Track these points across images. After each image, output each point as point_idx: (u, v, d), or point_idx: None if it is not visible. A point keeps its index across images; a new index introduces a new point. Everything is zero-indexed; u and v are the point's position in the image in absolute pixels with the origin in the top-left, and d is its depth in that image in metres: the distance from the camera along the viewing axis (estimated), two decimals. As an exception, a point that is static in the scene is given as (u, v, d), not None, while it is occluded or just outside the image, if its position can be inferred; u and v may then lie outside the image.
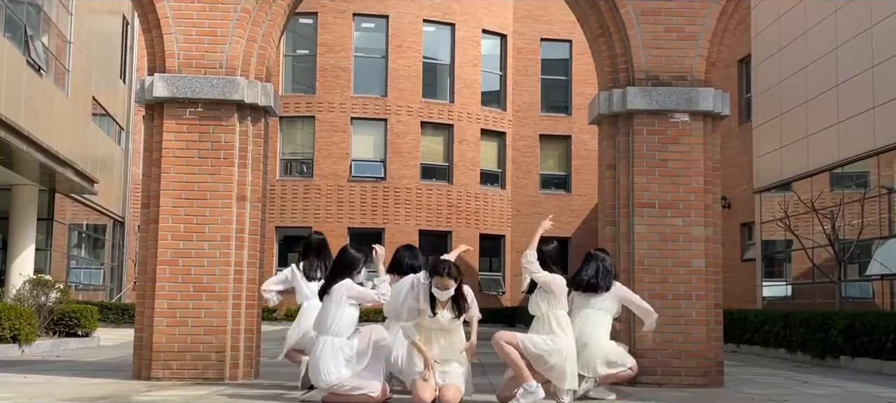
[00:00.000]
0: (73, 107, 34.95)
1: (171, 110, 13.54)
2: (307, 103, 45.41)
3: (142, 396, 11.02)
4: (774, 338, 22.44)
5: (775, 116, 34.23)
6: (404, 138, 45.40)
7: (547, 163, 50.00)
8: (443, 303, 10.63)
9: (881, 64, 27.16)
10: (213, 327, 13.23)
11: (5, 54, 27.37)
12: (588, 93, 45.06)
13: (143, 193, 13.90)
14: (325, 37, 45.65)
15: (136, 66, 45.45)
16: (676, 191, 13.66)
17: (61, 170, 29.75)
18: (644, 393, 12.06)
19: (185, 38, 13.66)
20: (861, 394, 12.80)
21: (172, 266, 13.28)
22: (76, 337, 23.29)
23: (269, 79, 14.23)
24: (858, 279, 29.11)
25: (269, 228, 39.49)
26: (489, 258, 47.41)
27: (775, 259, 35.61)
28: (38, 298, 22.65)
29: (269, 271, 42.10)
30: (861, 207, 27.45)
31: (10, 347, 18.98)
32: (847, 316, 19.71)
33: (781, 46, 33.95)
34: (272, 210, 41.30)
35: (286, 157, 45.70)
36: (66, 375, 13.86)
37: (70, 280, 36.80)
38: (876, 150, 27.50)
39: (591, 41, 14.73)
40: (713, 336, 13.58)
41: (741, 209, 38.20)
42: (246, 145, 13.75)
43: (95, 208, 39.87)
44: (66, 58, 34.64)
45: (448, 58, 47.13)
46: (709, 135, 13.93)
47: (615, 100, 13.92)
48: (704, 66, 13.90)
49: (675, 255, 13.54)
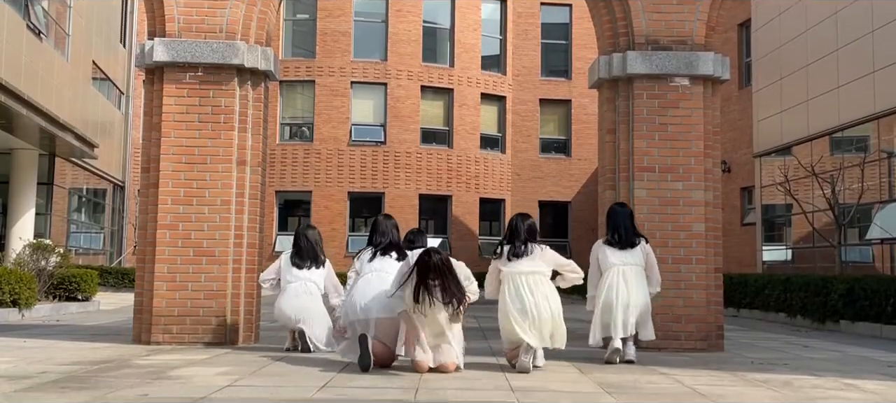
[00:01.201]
0: (73, 71, 34.91)
1: (171, 74, 13.51)
2: (307, 67, 45.33)
3: (142, 360, 11.03)
4: (774, 303, 22.47)
5: (775, 81, 34.20)
6: (404, 102, 45.34)
7: (547, 127, 49.96)
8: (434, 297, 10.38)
9: (881, 28, 27.11)
10: (212, 291, 13.23)
11: (5, 18, 27.32)
12: (588, 58, 45.03)
13: (143, 157, 13.88)
14: (325, 1, 45.53)
15: (136, 31, 45.39)
16: (676, 155, 13.64)
17: (61, 135, 29.73)
18: (644, 357, 12.05)
19: (184, 2, 13.62)
20: (861, 358, 12.81)
21: (172, 230, 13.28)
22: (76, 302, 23.32)
23: (269, 44, 14.19)
24: (858, 243, 29.15)
25: (269, 192, 39.52)
26: (489, 222, 47.41)
27: (775, 223, 35.64)
28: (38, 262, 22.68)
29: (269, 235, 42.26)
30: (861, 171, 27.45)
31: (10, 311, 19.00)
32: (847, 281, 19.74)
33: (781, 11, 33.88)
34: (272, 174, 41.32)
35: (286, 122, 45.65)
36: (66, 339, 13.87)
37: (70, 244, 36.84)
38: (876, 114, 27.49)
39: (592, 5, 14.68)
40: (713, 301, 13.59)
41: (741, 173, 38.22)
42: (246, 109, 13.72)
43: (95, 172, 39.89)
44: (66, 22, 34.58)
45: (448, 22, 47.02)
46: (709, 99, 13.90)
47: (615, 65, 13.89)
48: (704, 30, 13.86)
49: (675, 219, 13.53)
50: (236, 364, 10.69)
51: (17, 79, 26.96)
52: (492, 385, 9.33)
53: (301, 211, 44.82)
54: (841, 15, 29.57)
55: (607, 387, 9.31)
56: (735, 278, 25.33)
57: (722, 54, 14.03)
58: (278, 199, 44.40)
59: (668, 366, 11.18)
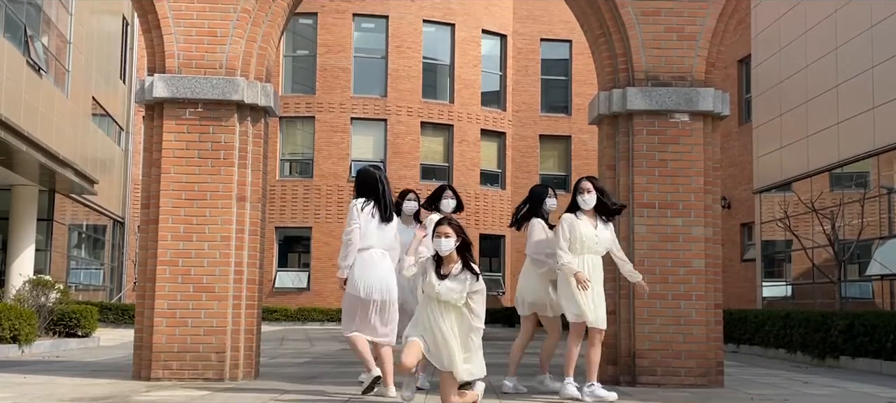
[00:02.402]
0: (72, 107, 34.97)
1: (171, 110, 13.54)
2: (307, 103, 45.45)
3: (142, 396, 11.03)
4: (774, 338, 22.44)
5: (775, 116, 34.25)
6: (404, 138, 45.43)
7: (547, 163, 50.04)
8: (447, 265, 10.28)
9: (881, 64, 27.18)
10: (212, 327, 13.23)
11: (5, 55, 27.39)
12: (588, 94, 45.11)
13: (143, 193, 13.90)
14: (325, 37, 45.68)
15: (136, 67, 45.49)
16: (676, 191, 13.66)
17: (61, 171, 29.77)
18: (644, 393, 12.06)
19: (185, 39, 13.67)
20: (861, 394, 12.81)
21: (172, 266, 13.29)
22: (76, 338, 23.31)
23: (269, 80, 14.23)
24: (858, 279, 29.13)
25: (269, 228, 39.49)
26: (489, 258, 47.42)
27: (775, 259, 35.63)
28: (37, 298, 22.67)
29: (269, 271, 42.23)
30: (861, 207, 27.45)
31: (10, 347, 18.99)
32: (847, 316, 19.72)
33: (781, 47, 33.96)
34: (272, 210, 41.33)
35: (286, 157, 45.75)
36: (66, 375, 13.87)
37: (70, 280, 36.83)
38: (876, 150, 27.52)
39: (591, 41, 14.74)
40: (713, 337, 13.58)
41: (741, 209, 38.23)
42: (246, 145, 13.75)
43: (95, 208, 39.91)
44: (65, 58, 34.66)
45: (448, 58, 47.17)
46: (709, 135, 13.93)
47: (615, 101, 13.93)
48: (704, 66, 13.90)
49: (675, 255, 13.54)
50: (235, 399, 10.68)
51: (17, 115, 27.00)
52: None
53: (301, 247, 44.88)
54: (840, 51, 29.64)
55: (607, 423, 9.31)
56: (735, 314, 25.30)
57: (722, 90, 14.06)
58: (278, 235, 44.46)
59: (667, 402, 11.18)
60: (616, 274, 12.85)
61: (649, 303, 13.39)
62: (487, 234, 46.38)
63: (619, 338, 13.50)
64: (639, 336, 13.36)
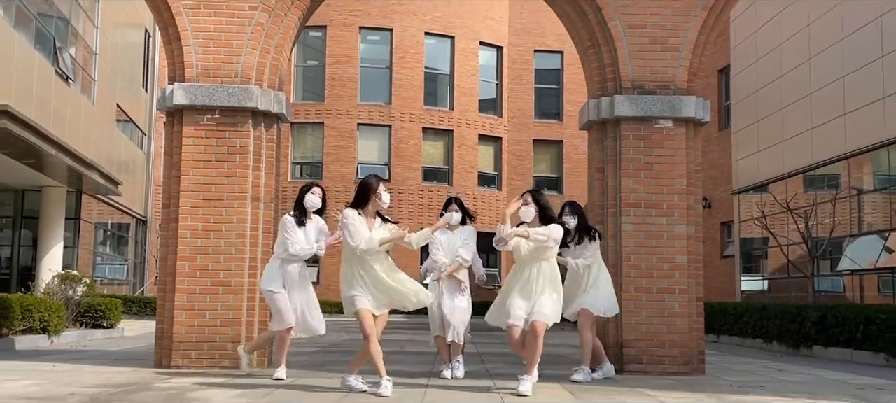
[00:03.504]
0: (98, 113, 34.97)
1: (190, 117, 13.55)
2: (317, 110, 45.44)
3: (162, 383, 11.03)
4: (752, 329, 22.45)
5: (753, 122, 34.26)
6: (407, 143, 45.42)
7: (540, 166, 50.06)
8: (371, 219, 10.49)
9: (851, 74, 27.20)
10: (228, 318, 13.23)
11: (35, 65, 27.41)
12: (578, 101, 45.15)
13: (164, 194, 13.90)
14: (334, 48, 45.68)
15: (157, 76, 45.47)
16: (660, 192, 13.66)
17: (87, 173, 29.75)
18: (631, 380, 12.07)
19: (203, 50, 13.67)
20: (833, 381, 12.81)
21: (191, 261, 13.29)
22: (102, 329, 23.29)
23: (281, 88, 14.23)
24: (830, 274, 29.14)
25: (282, 227, 39.37)
26: (486, 254, 47.39)
27: (753, 255, 35.64)
28: (66, 292, 22.65)
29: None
30: (833, 207, 27.45)
31: (40, 337, 18.98)
32: (819, 309, 19.73)
33: (758, 57, 33.98)
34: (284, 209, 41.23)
35: (297, 161, 45.72)
36: (92, 364, 13.87)
37: (96, 275, 36.82)
38: (846, 154, 27.54)
39: (582, 53, 14.74)
40: (695, 328, 13.58)
41: (721, 209, 38.24)
42: (260, 149, 13.76)
43: (119, 208, 39.89)
44: (92, 68, 34.66)
45: (448, 68, 47.17)
46: (691, 139, 13.93)
47: (604, 108, 13.93)
48: (686, 75, 13.90)
49: (659, 252, 13.54)
50: (250, 387, 10.68)
51: (47, 122, 27.00)
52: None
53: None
54: (813, 61, 29.66)
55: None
56: (715, 306, 25.31)
57: (703, 98, 14.06)
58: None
59: (653, 388, 11.18)
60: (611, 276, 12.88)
61: (636, 297, 13.42)
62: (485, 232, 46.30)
63: (608, 329, 13.51)
64: (626, 328, 13.38)
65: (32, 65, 27.22)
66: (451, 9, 47.26)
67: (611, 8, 13.93)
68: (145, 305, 35.62)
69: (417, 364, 13.98)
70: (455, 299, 12.22)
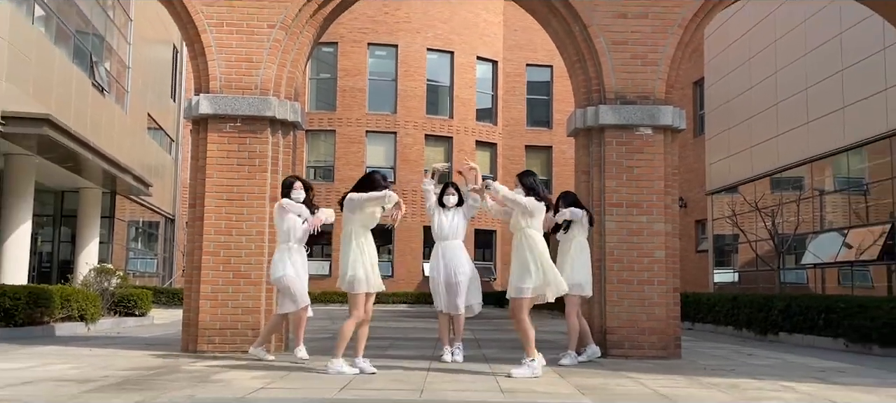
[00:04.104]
0: (131, 122, 35.01)
1: (214, 125, 13.55)
2: (329, 119, 45.46)
3: (189, 366, 11.03)
4: (724, 317, 22.45)
5: (724, 130, 34.29)
6: (411, 148, 45.43)
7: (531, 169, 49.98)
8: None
9: (813, 86, 27.24)
10: (249, 308, 13.24)
11: (74, 78, 27.44)
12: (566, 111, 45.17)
13: (191, 195, 13.90)
14: (344, 63, 45.71)
15: (184, 87, 45.55)
16: (641, 193, 13.66)
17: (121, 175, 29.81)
18: (614, 364, 12.08)
19: (226, 64, 13.67)
20: (797, 364, 12.81)
21: (215, 256, 13.30)
22: (134, 317, 23.30)
23: (297, 99, 14.24)
24: (795, 267, 29.17)
25: (297, 224, 39.39)
26: (483, 249, 47.42)
27: (724, 250, 35.66)
28: (101, 284, 22.66)
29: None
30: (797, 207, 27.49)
31: (78, 325, 18.99)
32: (785, 299, 19.73)
33: (730, 71, 34.01)
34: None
35: (311, 164, 45.71)
36: (125, 349, 13.87)
37: (128, 268, 36.87)
38: (810, 158, 27.58)
39: (569, 66, 14.73)
40: (672, 316, 13.58)
41: (696, 208, 38.27)
42: (277, 154, 13.76)
43: (150, 207, 39.96)
44: (125, 80, 34.70)
45: (448, 80, 47.20)
46: (668, 145, 13.93)
47: (589, 116, 13.93)
48: (664, 87, 13.90)
49: (639, 248, 13.54)
50: (269, 370, 10.68)
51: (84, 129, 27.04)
52: (484, 387, 9.33)
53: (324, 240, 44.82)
54: (779, 75, 29.69)
55: (582, 389, 9.31)
56: (690, 297, 25.32)
57: (679, 108, 14.06)
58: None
59: (634, 371, 11.18)
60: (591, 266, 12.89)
61: (618, 288, 13.43)
62: (481, 229, 46.33)
63: (593, 317, 13.52)
64: (609, 316, 13.39)
65: (71, 77, 27.25)
66: (450, 27, 47.28)
67: (596, 26, 13.94)
68: (173, 295, 35.64)
69: (420, 350, 13.98)
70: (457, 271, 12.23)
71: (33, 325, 17.31)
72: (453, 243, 12.45)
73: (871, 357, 14.94)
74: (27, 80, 23.99)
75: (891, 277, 23.88)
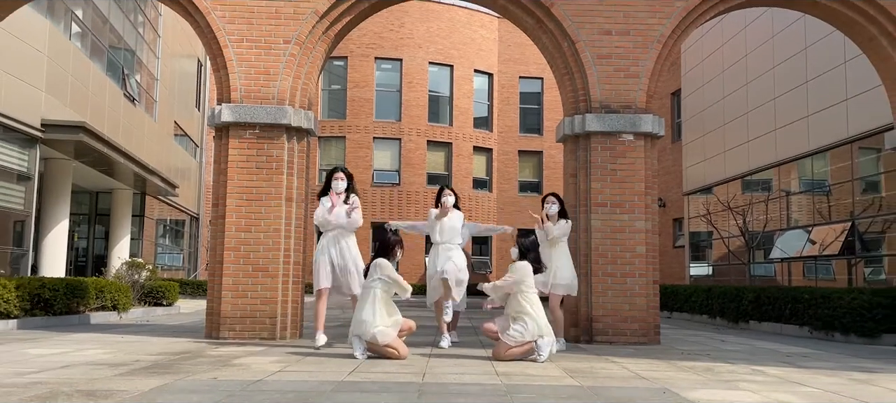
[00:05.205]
0: (159, 129, 35.00)
1: (235, 131, 13.56)
2: (339, 126, 45.43)
3: (212, 352, 11.03)
4: (699, 307, 22.46)
5: (699, 136, 34.27)
6: (414, 153, 45.41)
7: (524, 172, 50.03)
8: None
9: (781, 96, 27.23)
10: (267, 298, 13.25)
11: (107, 89, 27.45)
12: (556, 119, 45.23)
13: (213, 195, 13.92)
14: (353, 75, 45.69)
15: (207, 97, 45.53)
16: (623, 193, 13.67)
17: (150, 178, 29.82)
18: (599, 349, 12.09)
19: (245, 77, 13.68)
20: (766, 350, 12.81)
21: (236, 251, 13.31)
22: (162, 307, 23.31)
23: (311, 108, 14.24)
24: (764, 261, 29.17)
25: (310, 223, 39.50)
26: (480, 245, 47.44)
27: (700, 246, 35.66)
28: (132, 276, 22.67)
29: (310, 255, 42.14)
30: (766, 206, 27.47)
31: (110, 314, 19.00)
32: (755, 290, 19.74)
33: (704, 83, 33.99)
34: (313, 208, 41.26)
35: (323, 168, 45.64)
36: (154, 336, 13.88)
37: (157, 262, 36.87)
38: (777, 162, 27.57)
39: (558, 78, 14.74)
40: (652, 305, 13.60)
41: (673, 207, 38.25)
42: (292, 158, 13.76)
43: (176, 207, 39.95)
44: (154, 91, 34.70)
45: (448, 91, 47.17)
46: (649, 150, 13.93)
47: (577, 124, 13.94)
48: (645, 97, 13.90)
49: (622, 243, 13.55)
50: (285, 355, 10.69)
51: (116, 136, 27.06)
52: (481, 371, 9.33)
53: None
54: (750, 87, 29.68)
55: (570, 372, 9.31)
56: (668, 288, 25.33)
57: (659, 116, 14.06)
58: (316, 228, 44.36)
59: (617, 356, 11.19)
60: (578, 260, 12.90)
61: (603, 280, 13.44)
62: (478, 227, 46.27)
63: (579, 307, 13.53)
64: (595, 305, 13.39)
65: (104, 88, 27.25)
66: (450, 42, 47.26)
67: (583, 42, 13.95)
68: (198, 287, 35.64)
69: (421, 337, 13.98)
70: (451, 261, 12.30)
71: (70, 314, 17.31)
72: (449, 245, 12.55)
73: (834, 343, 14.94)
74: (65, 91, 24.00)
75: (851, 270, 23.88)
